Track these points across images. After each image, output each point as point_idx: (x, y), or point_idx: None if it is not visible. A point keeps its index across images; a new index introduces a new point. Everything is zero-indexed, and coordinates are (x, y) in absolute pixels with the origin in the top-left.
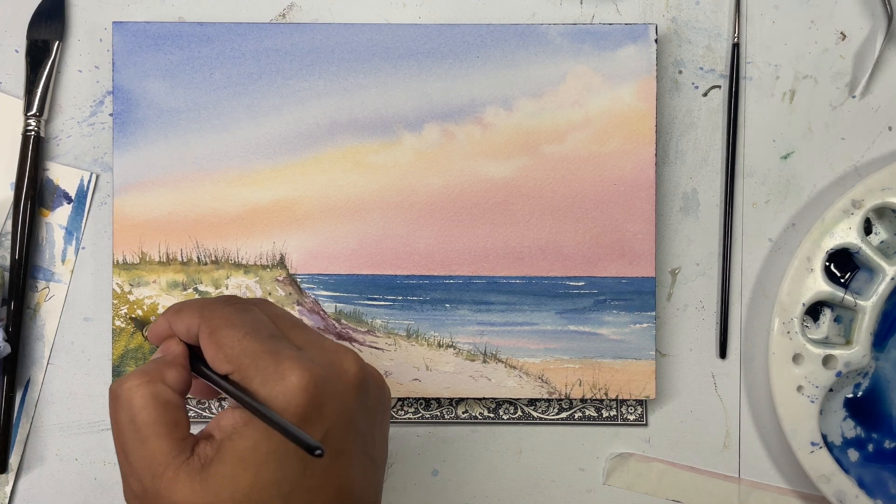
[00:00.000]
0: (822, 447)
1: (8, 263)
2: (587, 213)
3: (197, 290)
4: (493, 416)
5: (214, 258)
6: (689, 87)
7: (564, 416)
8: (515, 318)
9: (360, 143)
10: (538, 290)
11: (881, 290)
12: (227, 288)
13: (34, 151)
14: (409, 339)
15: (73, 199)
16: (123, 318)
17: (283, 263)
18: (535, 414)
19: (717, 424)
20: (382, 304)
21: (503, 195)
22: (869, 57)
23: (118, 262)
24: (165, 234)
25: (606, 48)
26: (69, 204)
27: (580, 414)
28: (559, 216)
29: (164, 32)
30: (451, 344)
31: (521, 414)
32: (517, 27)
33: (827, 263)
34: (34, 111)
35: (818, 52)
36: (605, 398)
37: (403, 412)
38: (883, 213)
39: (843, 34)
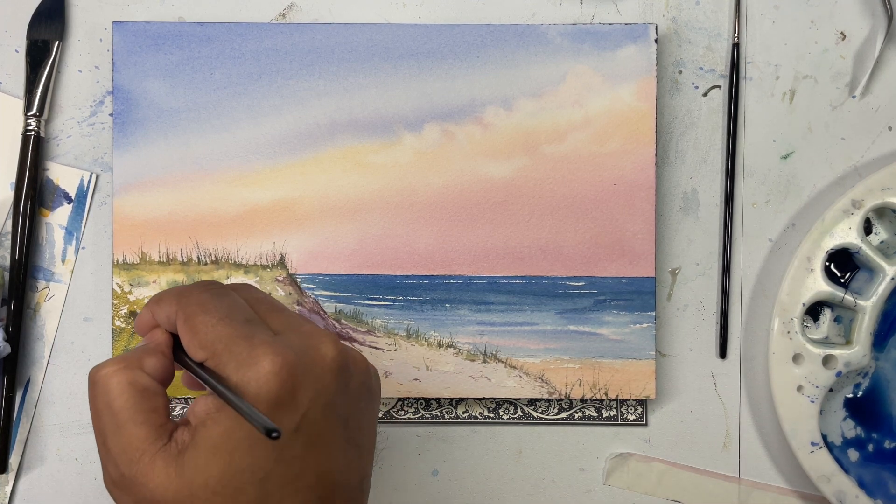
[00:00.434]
0: (822, 447)
1: (8, 263)
2: (587, 213)
3: None
4: (493, 416)
5: (214, 258)
6: (689, 87)
7: (564, 416)
8: (515, 318)
9: (360, 143)
10: (538, 290)
11: (881, 290)
12: None
13: (34, 151)
14: (409, 339)
15: (73, 199)
16: (123, 318)
17: (283, 263)
18: (535, 414)
19: (717, 424)
20: (382, 304)
21: (503, 195)
22: (869, 57)
23: (118, 262)
24: (165, 234)
25: (606, 48)
26: (69, 204)
27: (580, 414)
28: (559, 216)
29: (164, 32)
30: (451, 344)
31: (521, 414)
32: (517, 27)
33: (827, 263)
34: (34, 111)
35: (818, 52)
36: (605, 398)
37: (403, 412)
38: (883, 213)
39: (843, 34)
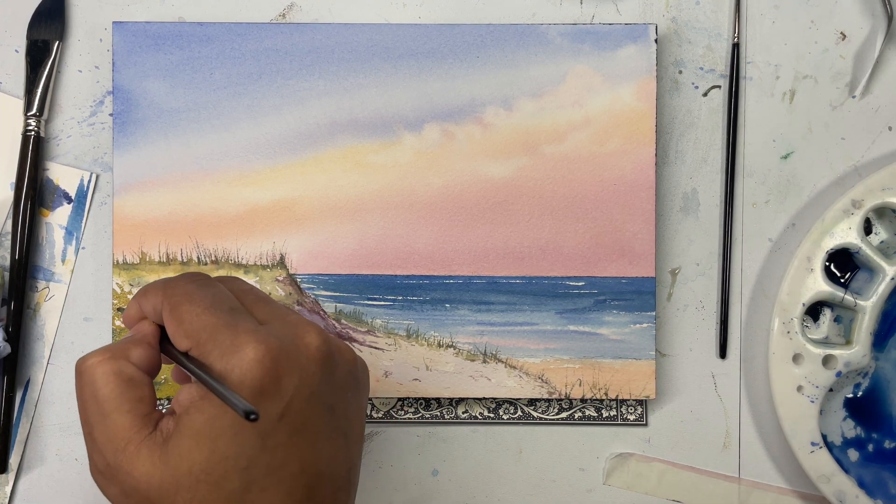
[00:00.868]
0: (822, 447)
1: (8, 263)
2: (587, 213)
3: None
4: (493, 416)
5: (214, 258)
6: (689, 86)
7: (564, 416)
8: (515, 318)
9: (360, 143)
10: (538, 290)
11: (881, 290)
12: None
13: (34, 151)
14: (409, 339)
15: (73, 199)
16: None
17: (283, 263)
18: (535, 414)
19: (717, 424)
20: (382, 304)
21: (503, 195)
22: (869, 57)
23: (118, 262)
24: (165, 234)
25: (606, 48)
26: (69, 204)
27: (580, 414)
28: (559, 216)
29: (164, 32)
30: (451, 344)
31: (521, 414)
32: (517, 27)
33: (827, 263)
34: (34, 111)
35: (818, 52)
36: (605, 398)
37: (403, 412)
38: (883, 213)
39: (843, 34)
